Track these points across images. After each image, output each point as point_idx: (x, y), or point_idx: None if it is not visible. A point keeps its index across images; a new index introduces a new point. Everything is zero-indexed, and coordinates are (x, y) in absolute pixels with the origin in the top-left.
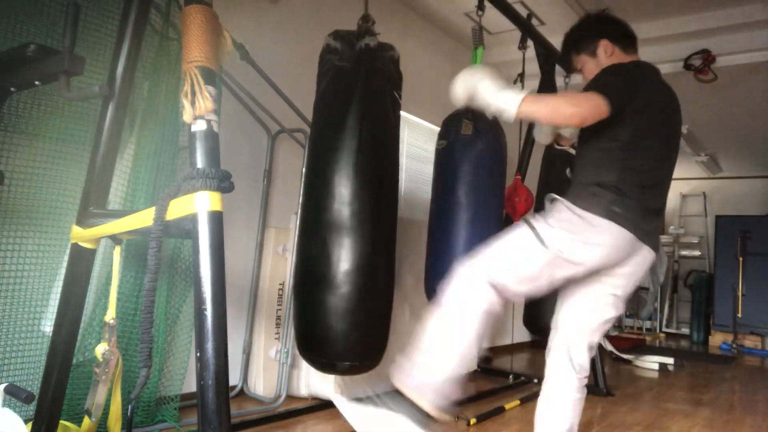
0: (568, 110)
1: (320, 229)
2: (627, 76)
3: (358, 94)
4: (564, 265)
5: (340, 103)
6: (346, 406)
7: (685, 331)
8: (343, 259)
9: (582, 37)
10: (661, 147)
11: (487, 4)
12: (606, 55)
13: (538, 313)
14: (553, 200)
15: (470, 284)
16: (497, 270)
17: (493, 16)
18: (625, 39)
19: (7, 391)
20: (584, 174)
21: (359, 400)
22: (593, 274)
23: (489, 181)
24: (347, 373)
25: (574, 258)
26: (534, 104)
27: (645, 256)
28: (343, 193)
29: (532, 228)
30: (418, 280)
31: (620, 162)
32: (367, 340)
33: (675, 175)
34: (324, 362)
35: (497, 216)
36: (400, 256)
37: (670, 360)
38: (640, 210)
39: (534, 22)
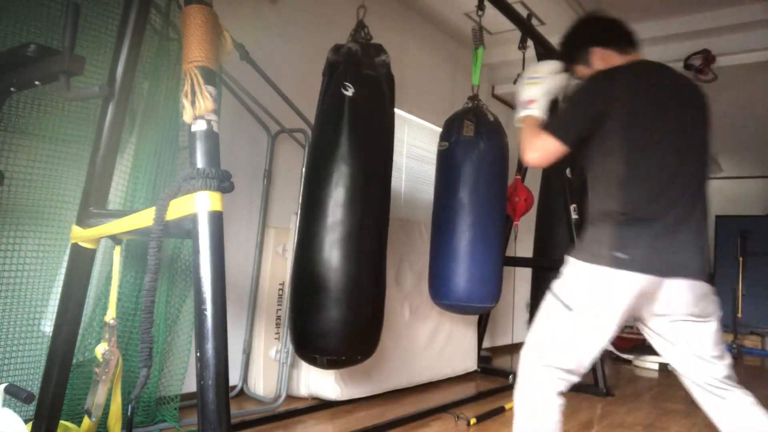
0: (527, 155)
1: (317, 231)
2: (587, 97)
3: (351, 105)
4: (596, 322)
5: (334, 113)
6: None
7: None
8: (336, 260)
9: (572, 47)
10: (665, 146)
11: (487, 4)
12: (601, 62)
13: None
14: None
15: (538, 390)
16: (553, 356)
17: (493, 16)
18: (620, 40)
19: (7, 391)
20: (590, 207)
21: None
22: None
23: (491, 181)
24: (336, 367)
25: (596, 314)
26: (521, 134)
27: (679, 288)
28: (338, 196)
29: (555, 296)
30: (418, 279)
31: (616, 183)
32: (358, 336)
33: None
34: (317, 358)
35: (500, 216)
36: (400, 256)
37: None
38: (654, 235)
39: (534, 22)
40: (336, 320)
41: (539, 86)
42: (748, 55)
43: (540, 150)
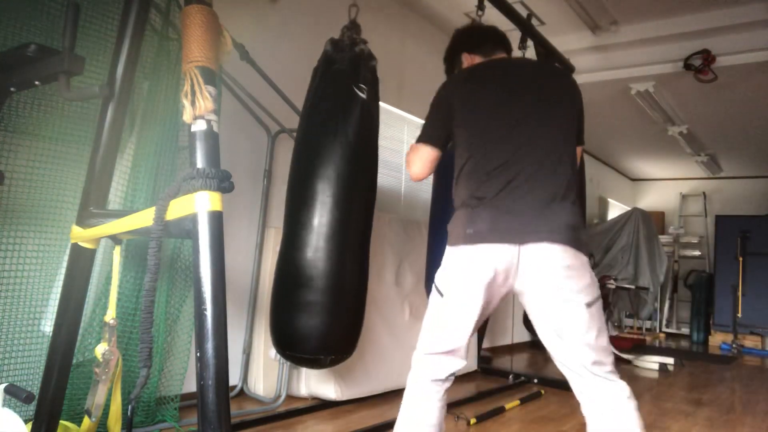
0: (409, 170)
1: (299, 232)
2: (436, 99)
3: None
4: (462, 300)
5: (324, 111)
6: None
7: (685, 331)
8: (318, 260)
9: (451, 54)
10: (505, 132)
11: (487, 4)
12: (467, 64)
13: None
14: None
15: (417, 378)
16: (432, 343)
17: (493, 16)
18: (484, 44)
19: (7, 391)
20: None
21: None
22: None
23: None
24: (317, 367)
25: (461, 291)
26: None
27: (536, 256)
28: (324, 198)
29: (435, 285)
30: (418, 279)
31: (463, 174)
32: (335, 336)
33: (675, 175)
34: (296, 356)
35: None
36: (400, 256)
37: (670, 360)
38: (498, 212)
39: (534, 22)
40: (319, 321)
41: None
42: (748, 55)
43: (417, 160)
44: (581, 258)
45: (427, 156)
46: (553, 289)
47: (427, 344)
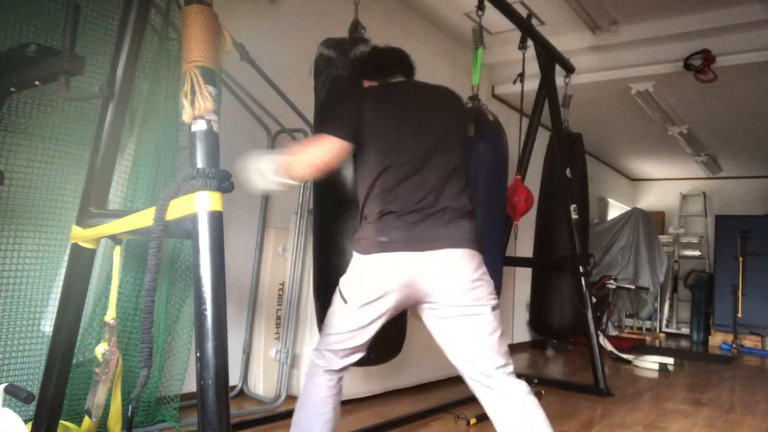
0: (306, 162)
1: (330, 234)
2: (347, 102)
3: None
4: (369, 306)
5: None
6: None
7: (685, 331)
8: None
9: (356, 79)
10: (405, 150)
11: (487, 4)
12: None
13: (543, 314)
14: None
15: (311, 371)
16: (332, 342)
17: (493, 16)
18: (379, 70)
19: (7, 391)
20: (360, 209)
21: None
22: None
23: (491, 181)
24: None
25: (368, 297)
26: (283, 171)
27: (442, 266)
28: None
29: (338, 290)
30: None
31: (375, 190)
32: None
33: (675, 175)
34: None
35: (500, 217)
36: None
37: (670, 360)
38: (409, 223)
39: (534, 22)
40: None
41: (254, 167)
42: (748, 55)
43: (317, 151)
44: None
45: (335, 147)
46: (455, 305)
47: (328, 343)
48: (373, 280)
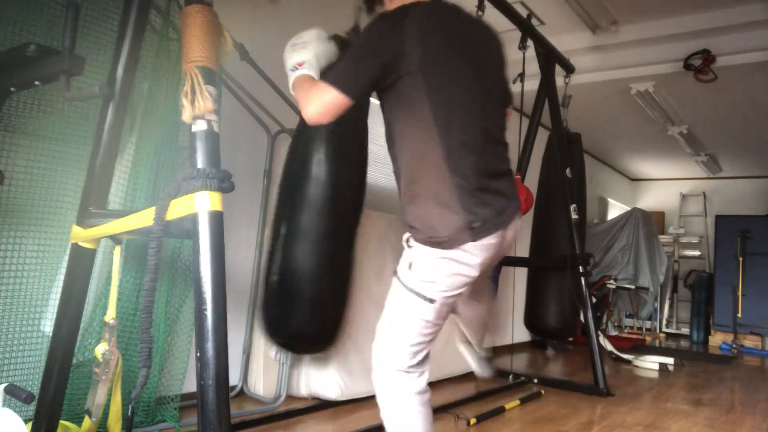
0: (305, 109)
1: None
2: (372, 42)
3: None
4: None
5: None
6: None
7: (685, 331)
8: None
9: None
10: (469, 97)
11: (487, 4)
12: (390, 2)
13: (540, 313)
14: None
15: (401, 396)
16: (398, 351)
17: (493, 16)
18: None
19: (7, 391)
20: (416, 185)
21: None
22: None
23: None
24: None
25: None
26: (296, 95)
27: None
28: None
29: (401, 282)
30: None
31: (442, 147)
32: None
33: (675, 175)
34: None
35: None
36: (400, 256)
37: (670, 360)
38: (493, 192)
39: (534, 22)
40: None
41: (306, 50)
42: (748, 55)
43: (318, 103)
44: None
45: (335, 104)
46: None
47: (404, 358)
48: (461, 274)
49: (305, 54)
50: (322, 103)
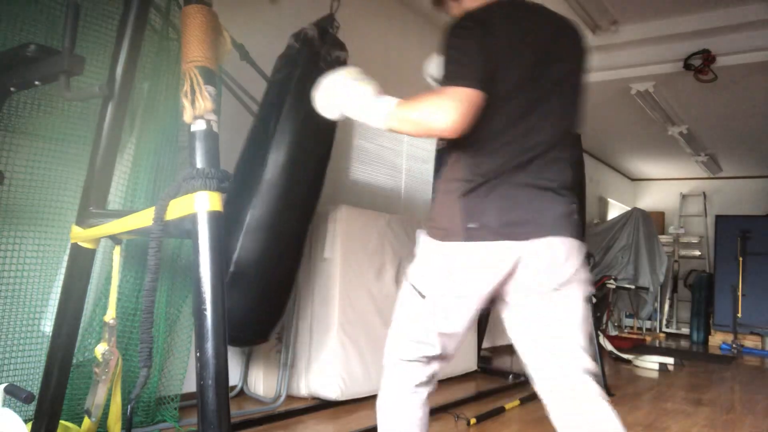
0: (446, 119)
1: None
2: (469, 41)
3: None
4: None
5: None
6: None
7: (685, 331)
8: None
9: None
10: (527, 97)
11: None
12: None
13: None
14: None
15: (394, 387)
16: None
17: None
18: None
19: (7, 391)
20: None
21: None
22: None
23: None
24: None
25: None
26: (399, 122)
27: (537, 251)
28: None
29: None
30: None
31: (468, 142)
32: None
33: (675, 175)
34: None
35: None
36: (400, 256)
37: (670, 360)
38: (505, 196)
39: None
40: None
41: (369, 82)
42: (748, 55)
43: (452, 105)
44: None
45: (474, 101)
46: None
47: (404, 349)
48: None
49: (373, 84)
50: (457, 106)
